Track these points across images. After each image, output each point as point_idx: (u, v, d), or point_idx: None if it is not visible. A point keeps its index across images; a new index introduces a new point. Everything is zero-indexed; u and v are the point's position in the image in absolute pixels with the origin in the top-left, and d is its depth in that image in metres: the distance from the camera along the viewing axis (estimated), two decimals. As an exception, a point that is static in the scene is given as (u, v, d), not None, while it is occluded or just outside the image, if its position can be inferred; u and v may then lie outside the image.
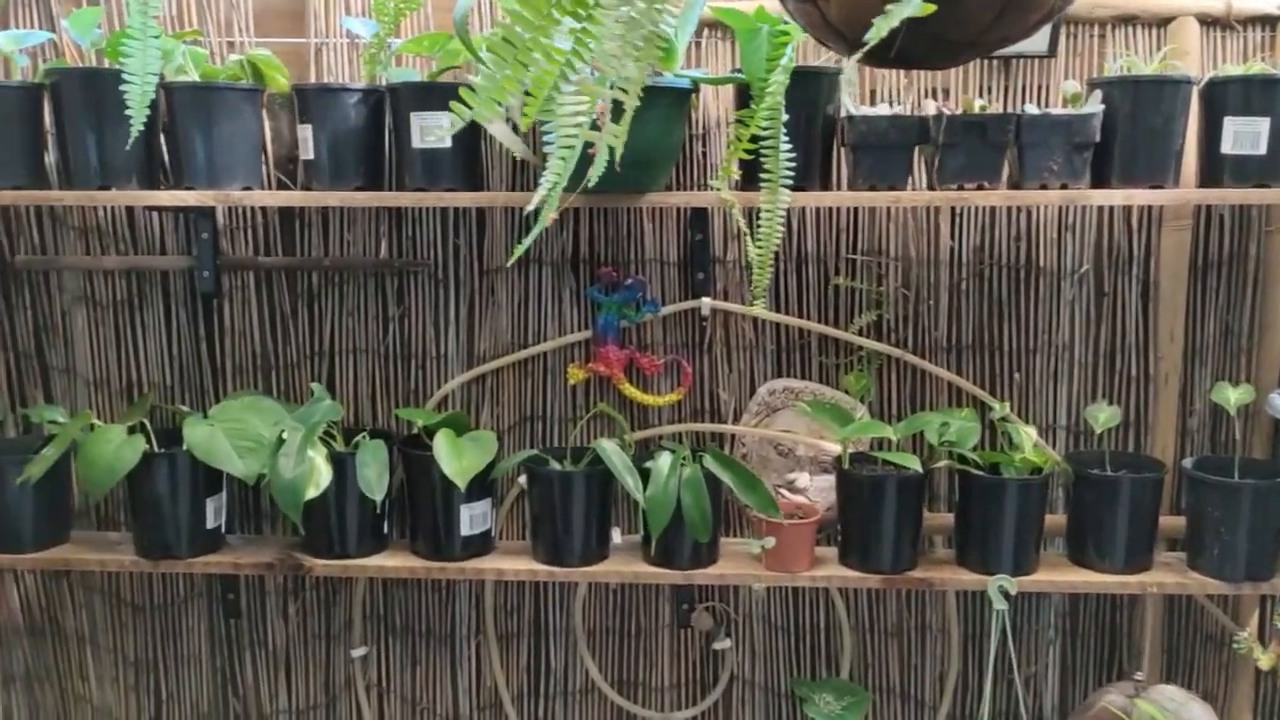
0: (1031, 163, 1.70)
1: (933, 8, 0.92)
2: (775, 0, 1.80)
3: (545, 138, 1.21)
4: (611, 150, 1.16)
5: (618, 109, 1.03)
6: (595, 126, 1.01)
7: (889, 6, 0.90)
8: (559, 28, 1.05)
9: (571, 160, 1.26)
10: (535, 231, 1.27)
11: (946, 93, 1.89)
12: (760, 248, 1.56)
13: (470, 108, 1.03)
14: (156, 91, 1.76)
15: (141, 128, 1.49)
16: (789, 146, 1.56)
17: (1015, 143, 1.70)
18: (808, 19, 1.29)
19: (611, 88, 1.06)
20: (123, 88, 1.51)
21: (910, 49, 1.22)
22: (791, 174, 1.55)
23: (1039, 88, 1.89)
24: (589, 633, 2.09)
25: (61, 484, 1.91)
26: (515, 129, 1.82)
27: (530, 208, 1.24)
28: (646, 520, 1.79)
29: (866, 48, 1.00)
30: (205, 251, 1.90)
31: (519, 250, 1.24)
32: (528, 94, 1.06)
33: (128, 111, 1.51)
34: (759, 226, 1.54)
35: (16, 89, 1.77)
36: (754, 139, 1.56)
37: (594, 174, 1.10)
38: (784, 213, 1.53)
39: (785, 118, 1.59)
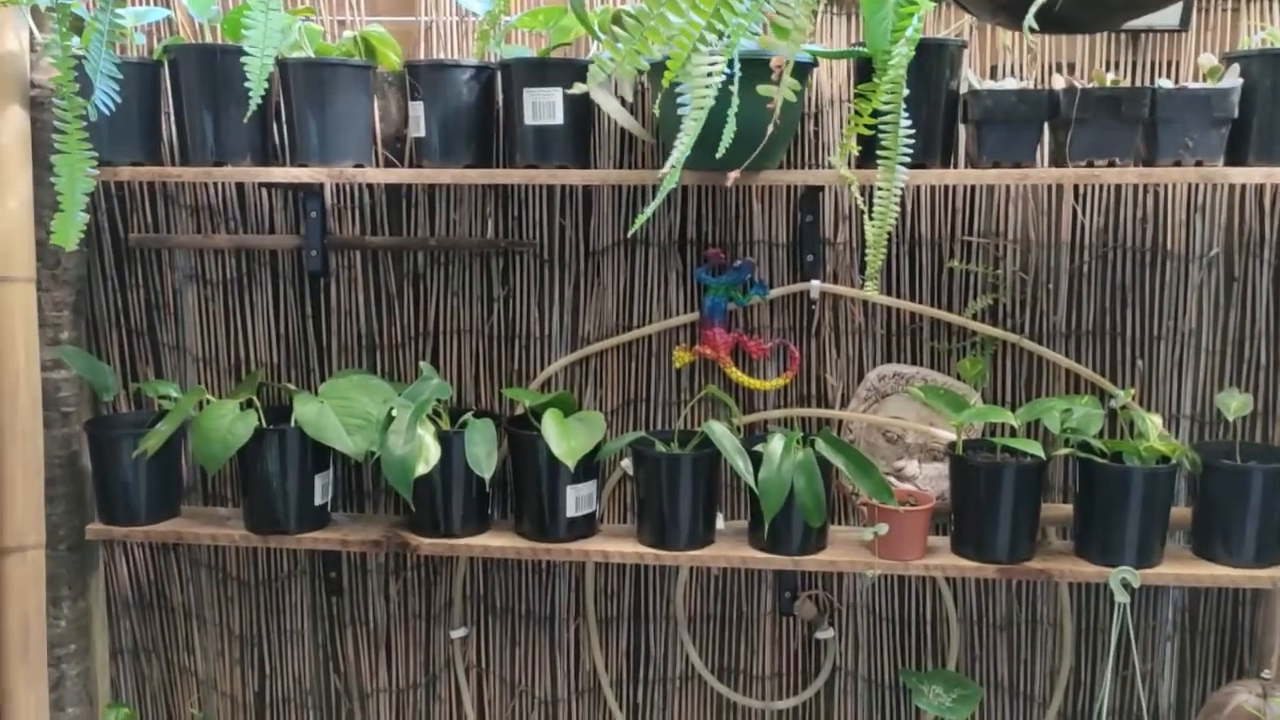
0: (1166, 139, 1.64)
1: None
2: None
3: (679, 99, 1.18)
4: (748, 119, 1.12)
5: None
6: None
7: None
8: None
9: (700, 122, 1.23)
10: (658, 199, 1.24)
11: (1072, 67, 1.83)
12: (876, 227, 1.52)
13: (614, 60, 1.01)
14: (272, 67, 1.78)
15: (260, 102, 1.50)
16: (909, 122, 1.51)
17: (1149, 118, 1.64)
18: (953, -17, 1.25)
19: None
20: (243, 60, 1.51)
21: (1068, 11, 1.18)
22: (910, 151, 1.51)
23: (1169, 62, 1.82)
24: (689, 618, 2.06)
25: (173, 458, 1.93)
26: (627, 106, 1.81)
27: (664, 172, 1.22)
28: (756, 504, 1.76)
29: (1037, 4, 0.96)
30: (313, 231, 1.91)
31: (641, 218, 1.22)
32: (664, 60, 1.03)
33: (246, 84, 1.51)
34: (875, 205, 1.50)
35: (135, 65, 1.78)
36: (874, 114, 1.51)
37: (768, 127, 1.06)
38: (900, 191, 1.48)
39: (905, 92, 1.55)
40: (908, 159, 1.49)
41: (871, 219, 1.50)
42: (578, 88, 1.05)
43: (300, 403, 1.81)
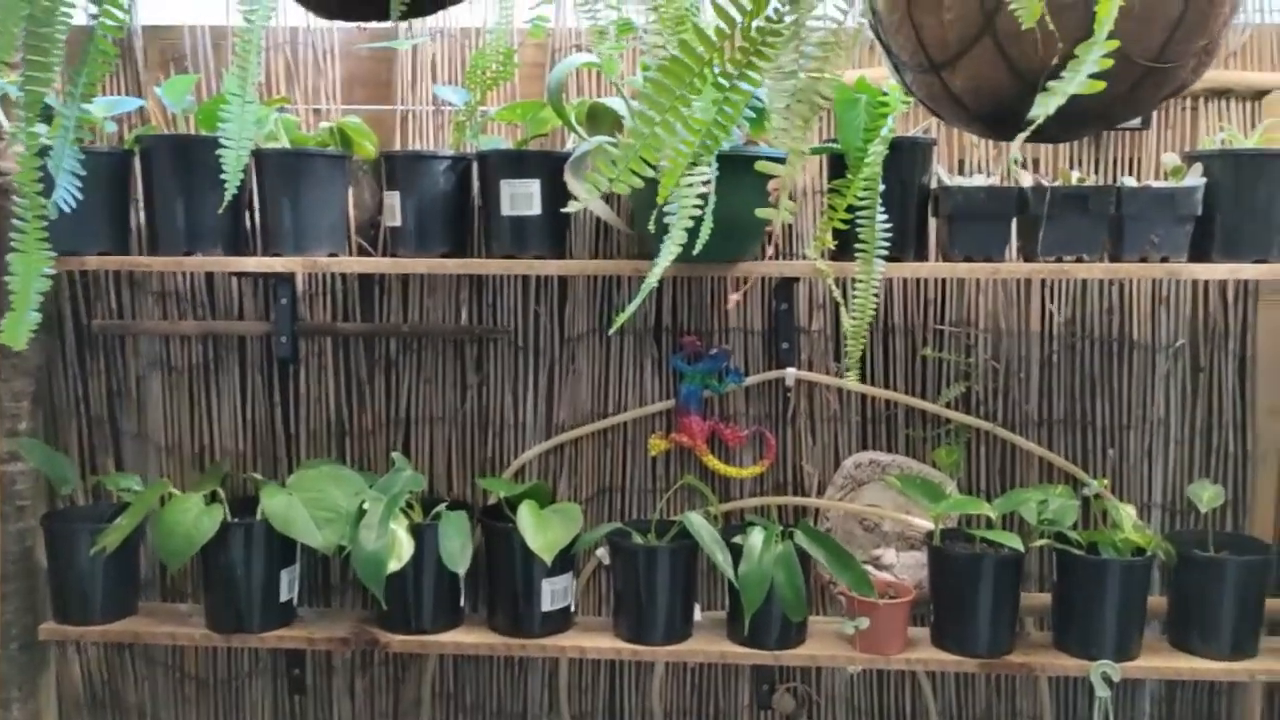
0: (1132, 235, 1.67)
1: (1101, 85, 0.89)
2: (874, 70, 1.81)
3: (667, 208, 1.19)
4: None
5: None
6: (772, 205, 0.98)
7: (1050, 83, 0.87)
8: (700, 98, 1.04)
9: (684, 230, 1.23)
10: (637, 301, 1.24)
11: (1037, 163, 1.87)
12: (855, 318, 1.53)
13: (609, 179, 1.01)
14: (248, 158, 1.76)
15: (235, 192, 1.48)
16: (884, 217, 1.53)
17: (1115, 214, 1.67)
18: (928, 90, 1.27)
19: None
20: (219, 152, 1.50)
21: (1043, 123, 1.20)
22: (887, 244, 1.53)
23: (1131, 160, 1.87)
24: (665, 714, 2.02)
25: (131, 553, 1.87)
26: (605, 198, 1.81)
27: (651, 280, 1.22)
28: (735, 596, 1.73)
29: (1033, 127, 0.98)
30: (284, 317, 1.88)
31: (622, 318, 1.22)
32: (654, 167, 1.04)
33: (223, 176, 1.49)
34: (854, 297, 1.51)
35: (105, 154, 1.77)
36: (849, 209, 1.53)
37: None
38: (879, 283, 1.50)
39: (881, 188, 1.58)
40: (884, 252, 1.50)
41: (850, 311, 1.51)
42: (572, 205, 1.05)
43: (268, 495, 1.77)
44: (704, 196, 1.18)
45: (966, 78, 1.20)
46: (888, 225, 1.53)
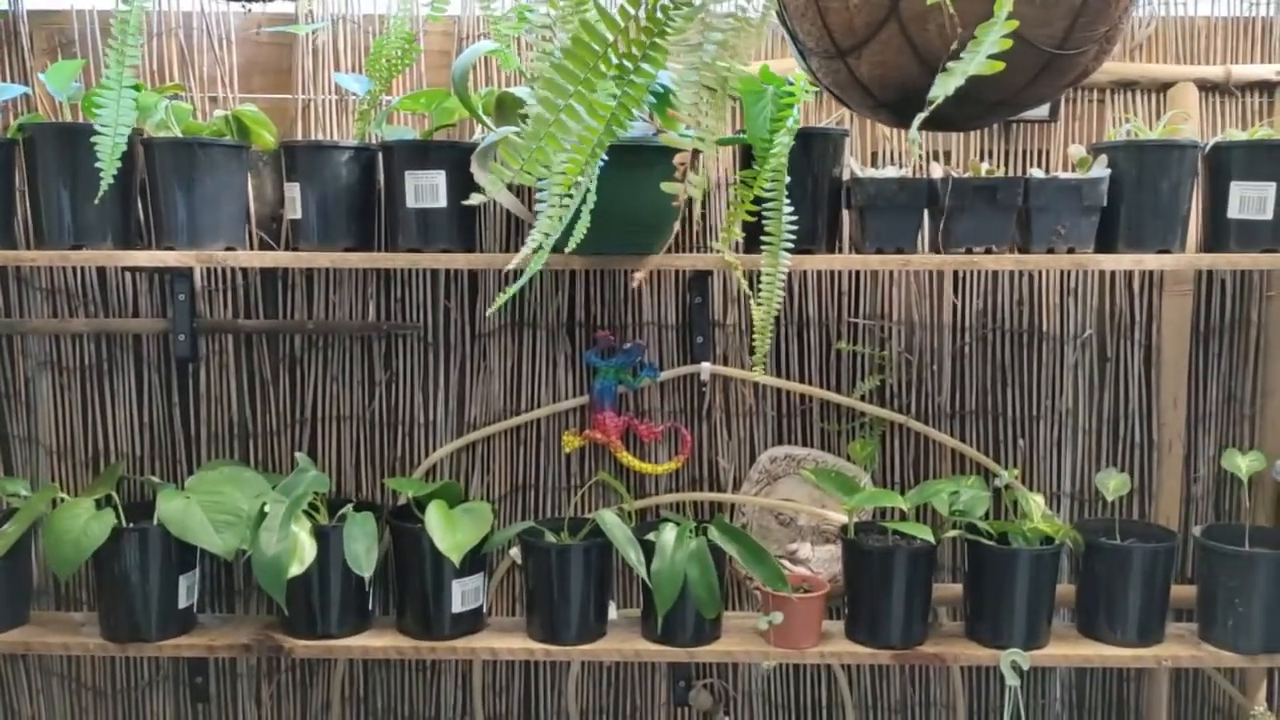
0: (1040, 226, 1.68)
1: (1000, 66, 0.88)
2: (780, 61, 1.80)
3: (538, 196, 1.15)
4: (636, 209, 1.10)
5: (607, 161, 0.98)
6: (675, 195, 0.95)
7: (950, 64, 0.86)
8: (604, 83, 1.00)
9: (564, 219, 1.20)
10: (515, 287, 1.21)
11: (948, 155, 1.88)
12: (762, 311, 1.51)
13: (512, 168, 0.98)
14: (134, 146, 1.69)
15: (111, 181, 1.41)
16: (791, 209, 1.52)
17: (1023, 206, 1.68)
18: (834, 77, 1.25)
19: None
20: (94, 139, 1.43)
21: (942, 108, 1.19)
22: (794, 237, 1.51)
23: (1039, 151, 1.88)
24: (582, 713, 1.99)
25: (23, 561, 1.79)
26: (513, 189, 1.77)
27: (511, 266, 1.18)
28: (649, 594, 1.71)
29: (932, 107, 0.96)
30: (182, 314, 1.82)
31: (499, 301, 1.18)
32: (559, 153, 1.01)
33: (98, 164, 1.43)
34: (760, 290, 1.50)
35: (-12, 143, 1.68)
36: (756, 201, 1.52)
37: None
38: (785, 276, 1.48)
39: (788, 179, 1.56)
40: (791, 244, 1.49)
41: (758, 303, 1.49)
42: (474, 198, 1.01)
43: (164, 499, 1.70)
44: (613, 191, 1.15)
45: (873, 64, 1.19)
46: (794, 218, 1.51)
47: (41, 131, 1.68)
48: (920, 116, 0.96)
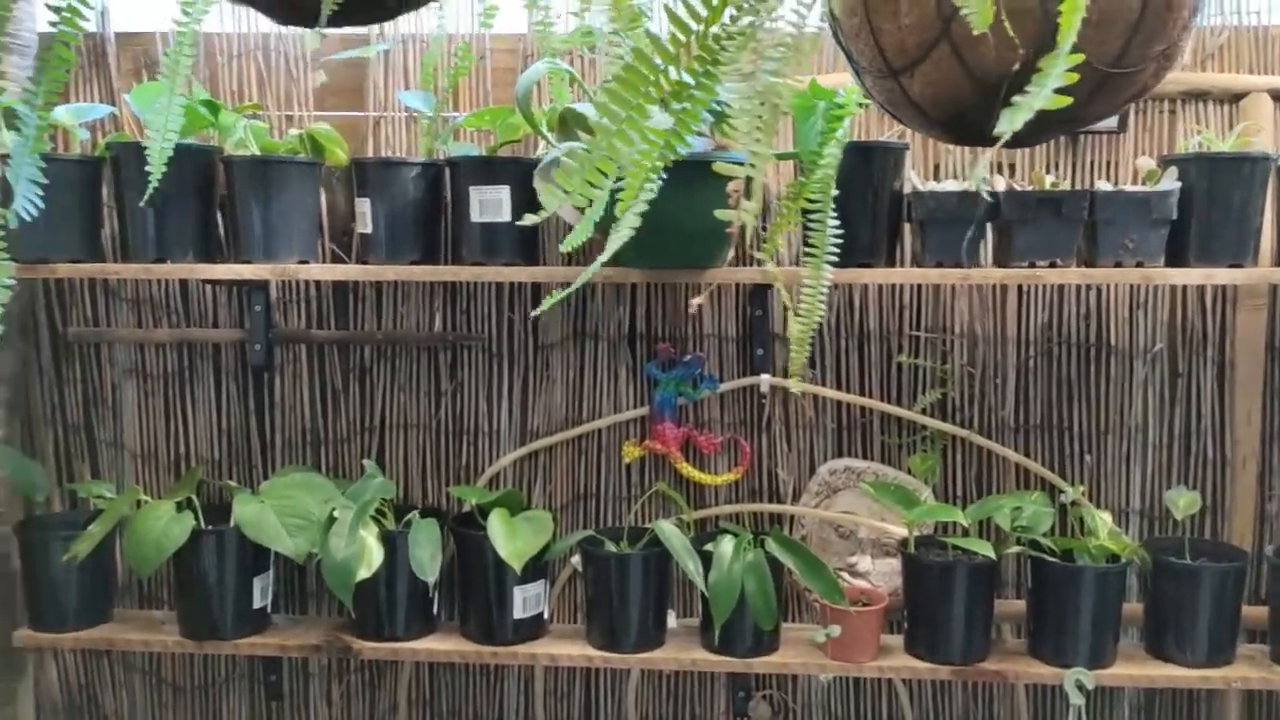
0: (1106, 240, 1.66)
1: (1067, 101, 0.87)
2: (830, 76, 1.80)
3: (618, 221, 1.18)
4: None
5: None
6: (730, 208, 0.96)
7: (1016, 98, 0.86)
8: (657, 107, 1.03)
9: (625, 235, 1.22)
10: (561, 295, 1.23)
11: (1013, 168, 1.86)
12: (801, 324, 1.50)
13: (566, 190, 1.01)
14: (214, 164, 1.77)
15: (157, 185, 1.46)
16: (836, 221, 1.51)
17: (1089, 219, 1.66)
18: (888, 95, 1.26)
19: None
20: (143, 142, 1.49)
21: (998, 126, 1.19)
22: (841, 250, 1.50)
23: (1107, 163, 1.85)
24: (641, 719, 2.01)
25: (106, 560, 1.87)
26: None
27: (579, 282, 1.20)
28: (709, 606, 1.72)
29: (1002, 140, 0.96)
30: (258, 324, 1.88)
31: (543, 306, 1.20)
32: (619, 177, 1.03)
33: (146, 168, 1.48)
34: (801, 302, 1.49)
35: (76, 162, 1.76)
36: (803, 213, 1.52)
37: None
38: (826, 289, 1.47)
39: (846, 193, 1.56)
40: (835, 257, 1.48)
41: (797, 315, 1.49)
42: (527, 219, 1.04)
43: (240, 503, 1.77)
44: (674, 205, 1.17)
45: (925, 83, 1.19)
46: (839, 230, 1.50)
47: (127, 150, 1.76)
48: (989, 153, 0.96)
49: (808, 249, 1.39)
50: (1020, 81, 1.09)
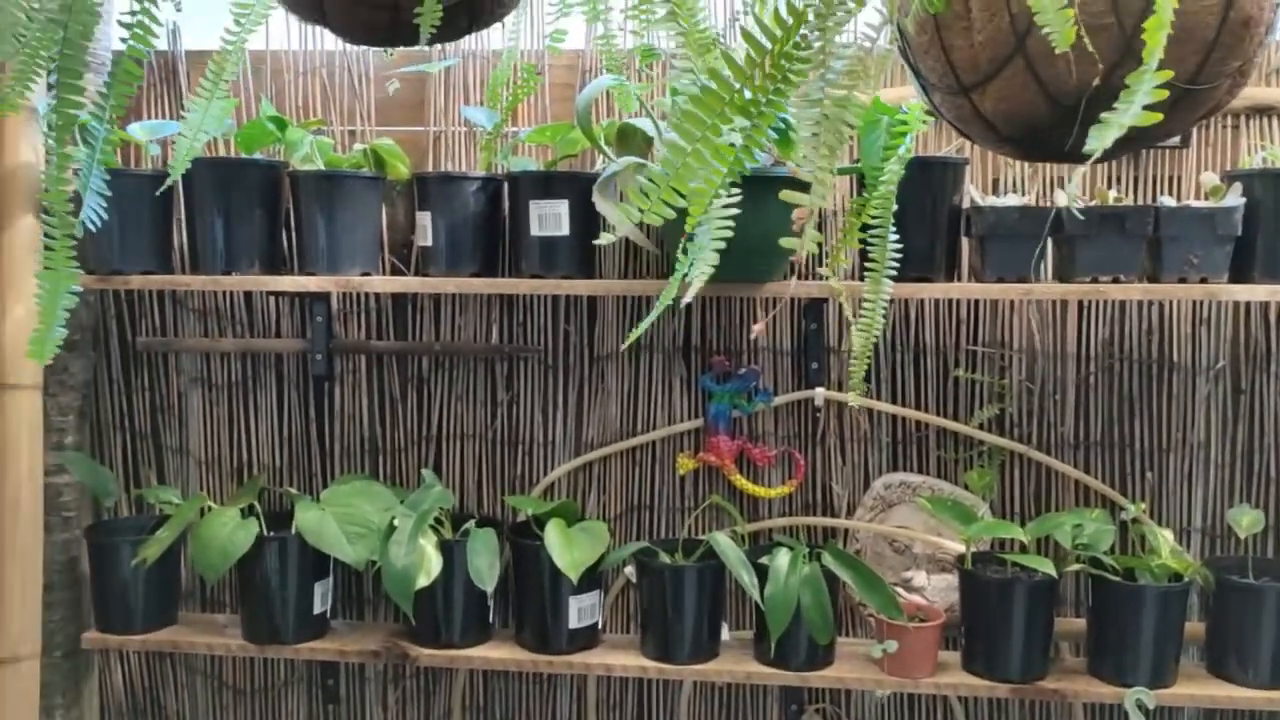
0: (1171, 255, 1.64)
1: (1158, 117, 0.87)
2: (892, 90, 1.80)
3: (697, 232, 1.19)
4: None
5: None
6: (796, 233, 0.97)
7: (1105, 115, 0.86)
8: (731, 127, 1.04)
9: (715, 254, 1.24)
10: (651, 317, 1.25)
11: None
12: (861, 337, 1.51)
13: (642, 210, 1.02)
14: (281, 178, 1.81)
15: (179, 178, 1.48)
16: (896, 236, 1.52)
17: (1153, 235, 1.64)
18: (957, 112, 1.26)
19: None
20: (174, 136, 1.52)
21: (1075, 142, 1.18)
22: (899, 264, 1.50)
23: (1170, 178, 1.84)
24: (694, 732, 2.02)
25: (172, 565, 1.91)
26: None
27: (686, 300, 1.22)
28: (762, 617, 1.73)
29: (1093, 158, 0.96)
30: (319, 335, 1.92)
31: (633, 336, 1.22)
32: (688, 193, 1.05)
33: (169, 164, 1.51)
34: (861, 316, 1.50)
35: (148, 177, 1.81)
36: (864, 228, 1.52)
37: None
38: (886, 303, 1.48)
39: (905, 208, 1.56)
40: (895, 272, 1.48)
41: (858, 329, 1.49)
42: (604, 238, 1.06)
43: (301, 510, 1.80)
44: (733, 219, 1.18)
45: (997, 100, 1.20)
46: (899, 245, 1.51)
47: (197, 166, 1.80)
48: (1078, 176, 0.96)
49: (868, 263, 1.40)
50: (1096, 98, 1.09)
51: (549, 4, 1.52)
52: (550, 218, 1.76)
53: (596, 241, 1.07)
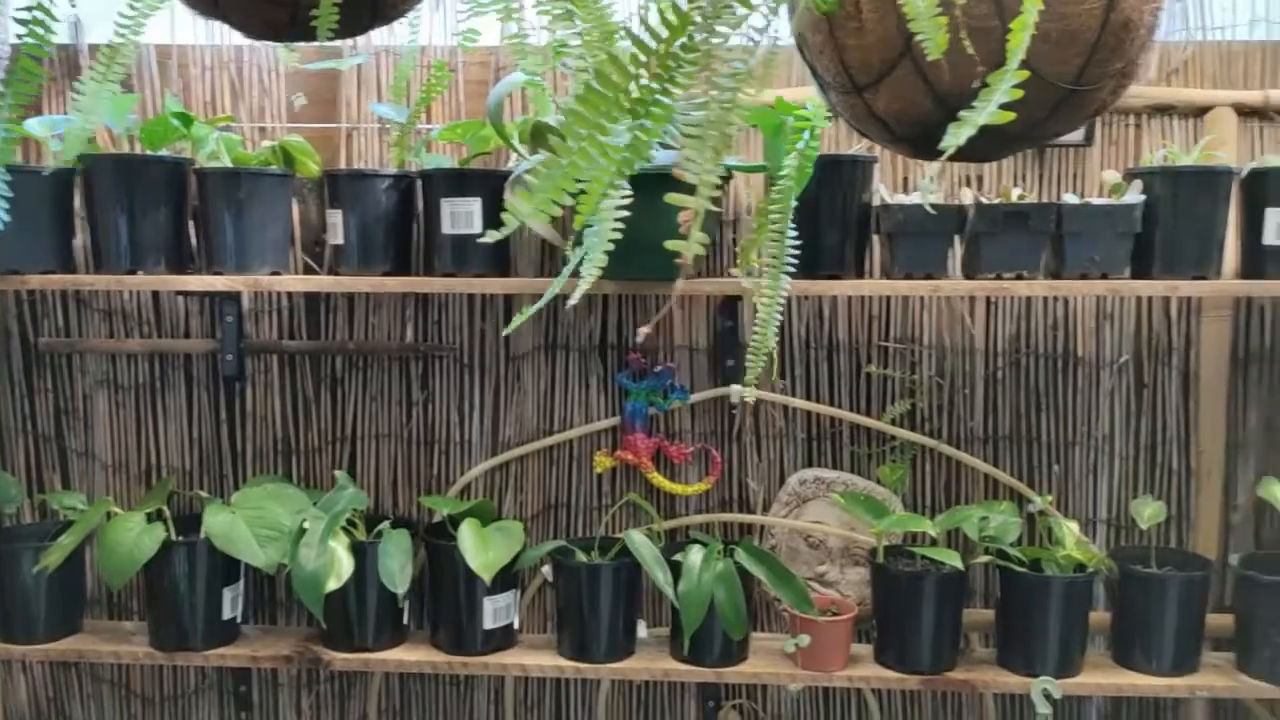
0: (1073, 252, 1.68)
1: (1011, 116, 0.89)
2: (794, 90, 1.81)
3: (586, 231, 1.19)
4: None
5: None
6: (680, 235, 0.97)
7: (962, 113, 0.87)
8: (617, 126, 1.03)
9: (603, 252, 1.24)
10: (529, 312, 1.24)
11: (981, 180, 1.88)
12: (759, 334, 1.51)
13: (526, 208, 1.01)
14: (187, 175, 1.77)
15: (63, 165, 1.44)
16: (796, 233, 1.52)
17: (1056, 232, 1.68)
18: (853, 111, 1.27)
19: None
20: (65, 125, 1.48)
21: (967, 143, 1.20)
22: (802, 261, 1.51)
23: (1074, 176, 1.88)
24: (613, 730, 2.01)
25: (77, 571, 1.87)
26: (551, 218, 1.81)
27: (572, 302, 1.21)
28: (678, 616, 1.73)
29: (945, 155, 0.98)
30: (230, 335, 1.88)
31: (513, 325, 1.21)
32: (580, 192, 1.04)
33: (57, 148, 1.47)
34: (758, 312, 1.50)
35: (47, 174, 1.76)
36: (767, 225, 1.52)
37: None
38: (784, 299, 1.48)
39: (814, 206, 1.57)
40: (793, 268, 1.49)
41: (753, 327, 1.49)
42: (490, 235, 1.05)
43: (211, 513, 1.76)
44: (643, 218, 1.18)
45: (889, 100, 1.21)
46: (798, 242, 1.50)
47: (99, 162, 1.76)
48: (934, 166, 0.97)
49: (769, 261, 1.40)
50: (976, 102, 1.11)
51: (461, 1, 1.50)
52: (463, 215, 1.75)
53: (484, 238, 1.06)
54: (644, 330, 0.98)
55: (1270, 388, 1.89)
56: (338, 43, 1.94)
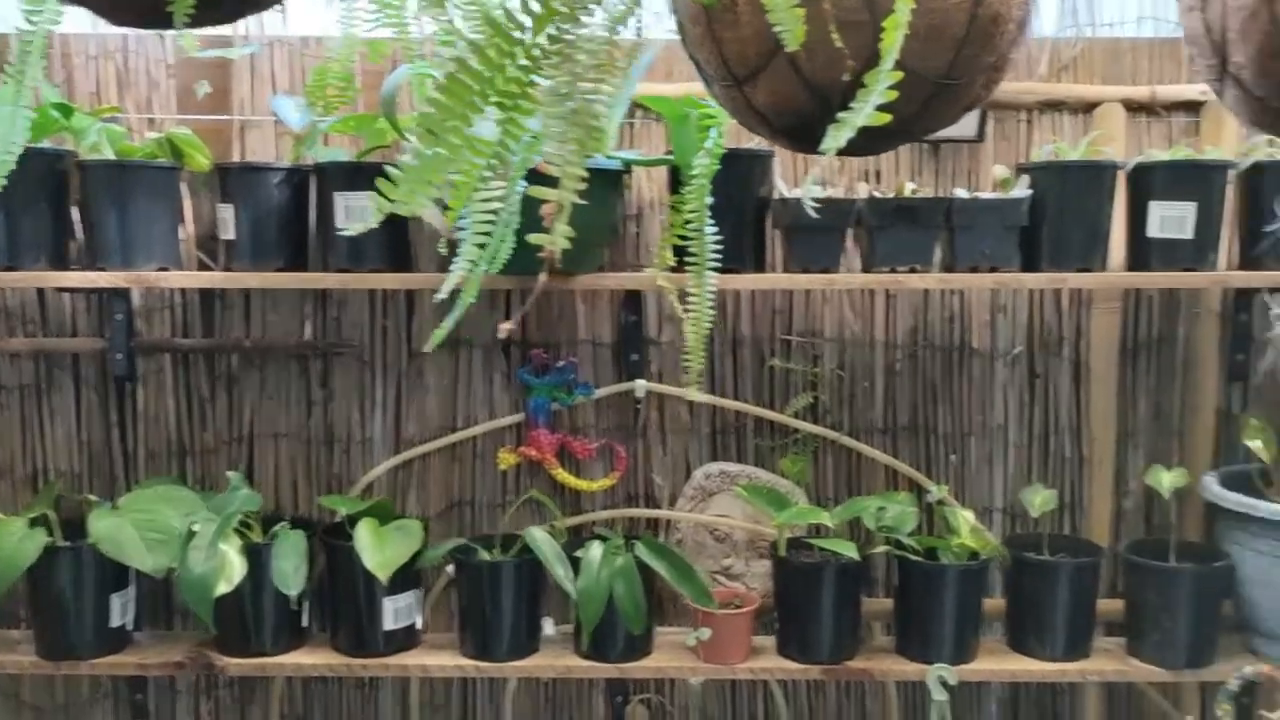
0: (963, 246, 1.70)
1: (888, 118, 0.89)
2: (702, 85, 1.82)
3: (460, 224, 1.17)
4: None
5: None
6: (545, 229, 0.96)
7: (841, 114, 0.88)
8: (483, 117, 1.02)
9: (492, 248, 1.23)
10: (453, 317, 1.23)
11: (878, 175, 1.90)
12: (692, 331, 1.53)
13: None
14: (69, 168, 1.71)
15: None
16: (714, 229, 1.54)
17: (947, 226, 1.70)
18: (733, 104, 1.27)
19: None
20: None
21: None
22: (719, 256, 1.53)
23: (968, 171, 1.91)
24: (520, 728, 2.00)
25: (-44, 580, 1.80)
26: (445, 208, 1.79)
27: (441, 295, 1.20)
28: (578, 612, 1.72)
29: (828, 153, 0.98)
30: (119, 333, 1.82)
31: (437, 336, 1.20)
32: (453, 185, 1.03)
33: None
34: (689, 309, 1.51)
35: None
36: (687, 223, 1.53)
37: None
38: (713, 295, 1.50)
39: (713, 200, 1.58)
40: (717, 264, 1.50)
41: (690, 323, 1.51)
42: (354, 228, 1.03)
43: (96, 517, 1.71)
44: (496, 213, 1.17)
45: (767, 93, 1.21)
46: (719, 237, 1.53)
47: (-26, 154, 1.69)
48: (814, 170, 0.98)
49: (689, 257, 1.41)
50: (855, 91, 1.12)
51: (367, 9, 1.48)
52: (358, 210, 1.71)
53: (346, 230, 1.04)
54: (505, 326, 0.97)
55: (1159, 377, 1.94)
56: (228, 31, 1.90)
